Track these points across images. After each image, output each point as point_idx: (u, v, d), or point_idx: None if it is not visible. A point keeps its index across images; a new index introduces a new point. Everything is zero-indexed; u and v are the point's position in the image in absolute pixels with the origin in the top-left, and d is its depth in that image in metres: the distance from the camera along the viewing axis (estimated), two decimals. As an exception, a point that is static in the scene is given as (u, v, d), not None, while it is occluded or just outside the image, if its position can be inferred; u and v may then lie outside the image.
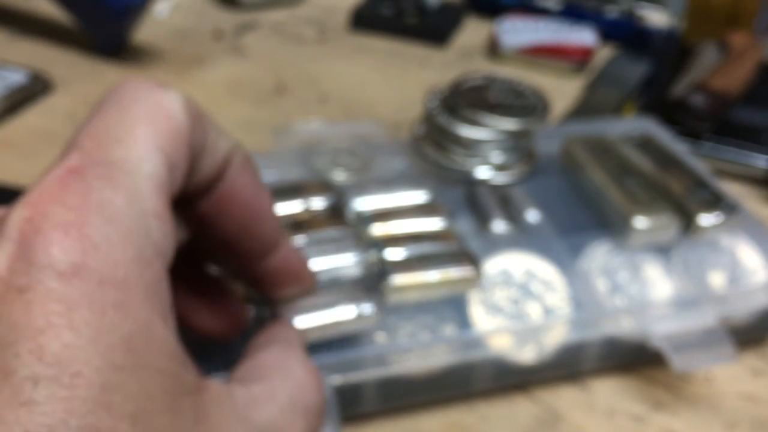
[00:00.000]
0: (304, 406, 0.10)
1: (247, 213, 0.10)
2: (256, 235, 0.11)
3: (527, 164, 0.21)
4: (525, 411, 0.17)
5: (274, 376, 0.10)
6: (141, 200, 0.08)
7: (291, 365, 0.10)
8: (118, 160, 0.08)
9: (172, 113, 0.09)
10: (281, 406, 0.09)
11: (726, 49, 0.29)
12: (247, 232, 0.11)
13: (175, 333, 0.08)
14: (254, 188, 0.10)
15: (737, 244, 0.19)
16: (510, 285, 0.18)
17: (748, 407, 0.18)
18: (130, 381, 0.07)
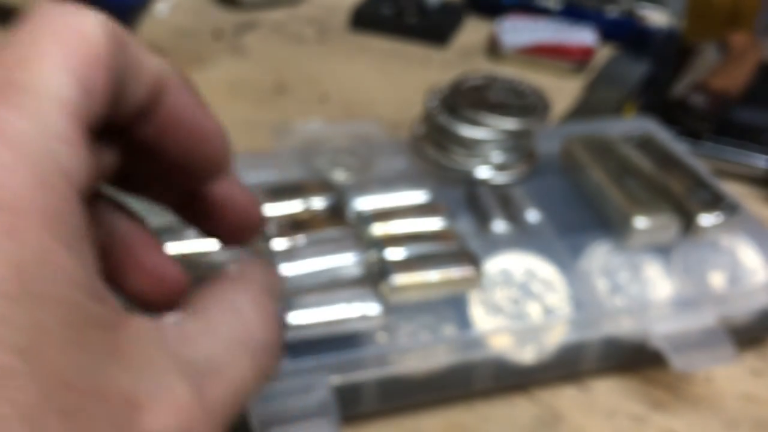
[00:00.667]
0: (250, 343, 0.09)
1: (191, 135, 0.10)
2: (202, 156, 0.10)
3: (527, 164, 0.21)
4: (525, 411, 0.17)
5: (214, 310, 0.09)
6: (46, 124, 0.07)
7: (236, 299, 0.09)
8: (22, 82, 0.07)
9: (88, 35, 0.08)
10: (222, 342, 0.09)
11: (726, 49, 0.29)
12: (194, 155, 0.10)
13: (91, 264, 0.08)
14: (195, 108, 0.10)
15: (737, 245, 0.19)
16: (510, 285, 0.18)
17: (748, 407, 0.18)
18: (21, 312, 0.06)
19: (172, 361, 0.08)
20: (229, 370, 0.08)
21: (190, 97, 0.10)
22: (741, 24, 0.30)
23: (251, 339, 0.09)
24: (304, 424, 0.15)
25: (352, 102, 0.30)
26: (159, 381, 0.08)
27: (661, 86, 0.28)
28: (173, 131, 0.10)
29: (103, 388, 0.07)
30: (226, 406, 0.08)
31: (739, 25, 0.30)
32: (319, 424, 0.15)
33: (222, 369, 0.08)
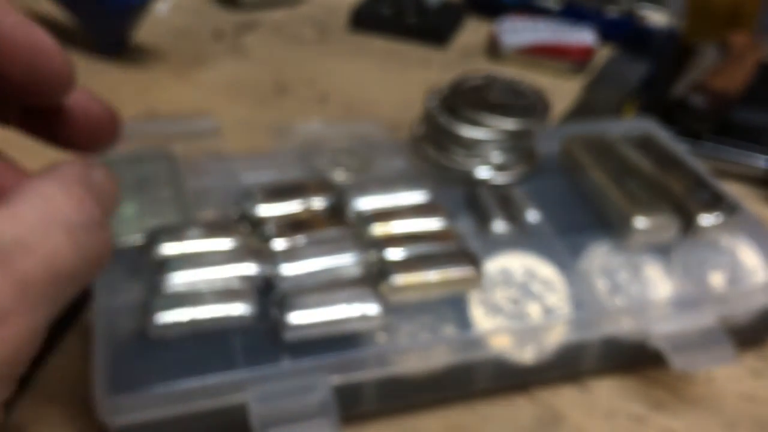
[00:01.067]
0: (62, 223, 0.09)
1: (28, 53, 0.10)
2: (44, 73, 0.10)
3: (527, 164, 0.21)
4: (525, 411, 0.17)
5: (20, 199, 0.09)
6: None
7: (43, 187, 0.09)
8: None
9: None
10: (27, 223, 0.09)
11: (726, 49, 0.29)
12: (35, 73, 0.10)
13: None
14: (25, 27, 0.10)
15: (737, 245, 0.19)
16: (510, 285, 0.18)
17: (748, 408, 0.18)
18: None
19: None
20: (40, 247, 0.09)
21: (15, 18, 0.10)
22: (741, 24, 0.30)
23: (62, 219, 0.09)
24: (304, 424, 0.15)
25: (352, 102, 0.30)
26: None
27: (660, 86, 0.28)
28: (7, 53, 0.10)
29: None
30: (43, 279, 0.09)
31: (739, 25, 0.30)
32: (319, 424, 0.15)
33: (31, 246, 0.09)
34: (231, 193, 0.19)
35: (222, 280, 0.16)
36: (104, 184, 0.10)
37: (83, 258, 0.09)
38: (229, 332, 0.16)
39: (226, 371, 0.15)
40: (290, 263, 0.17)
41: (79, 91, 0.12)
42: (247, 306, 0.16)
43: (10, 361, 0.08)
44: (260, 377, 0.15)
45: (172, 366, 0.15)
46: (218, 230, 0.18)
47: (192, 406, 0.15)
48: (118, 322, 0.16)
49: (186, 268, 0.16)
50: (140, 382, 0.14)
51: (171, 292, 0.16)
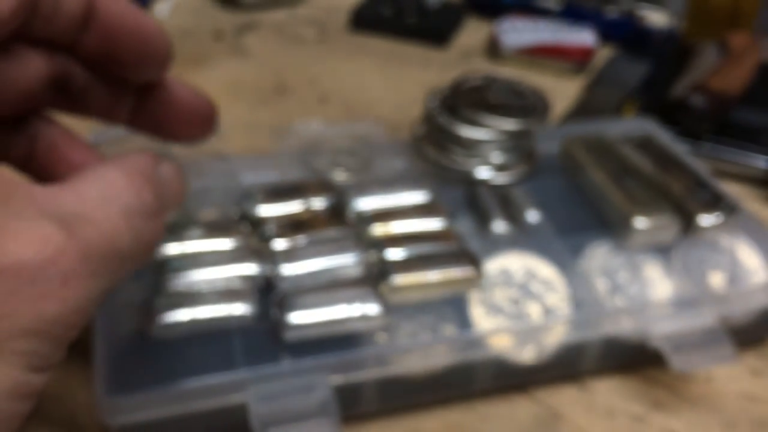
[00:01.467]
0: (119, 204, 0.10)
1: (132, 35, 0.11)
2: (147, 52, 0.12)
3: (527, 164, 0.21)
4: (525, 411, 0.17)
5: (83, 179, 0.10)
6: None
7: (106, 172, 0.10)
8: None
9: None
10: (89, 201, 0.10)
11: (726, 49, 0.29)
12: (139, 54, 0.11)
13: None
14: (129, 11, 0.11)
15: (737, 245, 0.19)
16: (510, 285, 0.18)
17: (747, 407, 0.18)
18: None
19: (38, 211, 0.09)
20: (99, 222, 0.09)
21: (125, 4, 0.11)
22: (740, 24, 0.30)
23: (120, 201, 0.10)
24: (304, 423, 0.15)
25: (352, 103, 0.30)
26: (26, 221, 0.09)
27: (660, 87, 0.28)
28: (115, 36, 0.11)
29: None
30: (102, 251, 0.09)
31: (739, 25, 0.30)
32: (320, 424, 0.15)
33: (91, 220, 0.09)
34: (231, 194, 0.19)
35: (222, 280, 0.16)
36: (170, 178, 0.12)
37: (137, 241, 0.10)
38: (229, 332, 0.16)
39: (227, 371, 0.15)
40: (290, 263, 0.17)
41: (183, 86, 0.13)
42: (247, 306, 0.16)
43: (68, 322, 0.09)
44: (261, 377, 0.15)
45: (173, 366, 0.15)
46: (219, 230, 0.18)
47: (192, 406, 0.15)
48: (119, 322, 0.16)
49: (187, 268, 0.16)
50: (141, 382, 0.14)
51: (172, 292, 0.16)
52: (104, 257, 0.09)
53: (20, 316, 0.08)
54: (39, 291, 0.09)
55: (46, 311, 0.09)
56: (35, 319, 0.09)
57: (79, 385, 0.17)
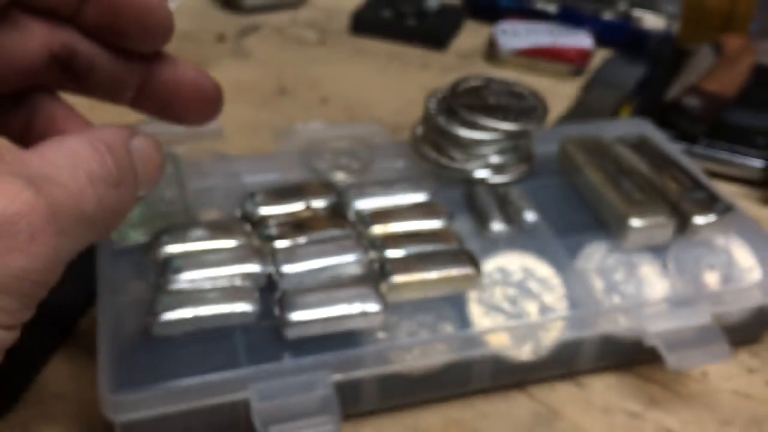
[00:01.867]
0: (87, 171, 0.10)
1: (141, 10, 0.12)
2: (153, 25, 0.12)
3: (525, 165, 0.22)
4: (523, 408, 0.17)
5: (49, 146, 0.10)
6: None
7: (70, 141, 0.11)
8: None
9: None
10: (55, 166, 0.10)
11: (721, 52, 0.30)
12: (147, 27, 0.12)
13: None
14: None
15: (731, 244, 0.20)
16: (508, 284, 0.18)
17: (742, 404, 0.18)
18: None
19: (7, 170, 0.09)
20: (66, 184, 0.10)
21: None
22: (735, 27, 0.31)
23: (86, 168, 0.10)
24: (305, 420, 0.15)
25: (352, 104, 0.30)
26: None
27: (656, 89, 0.29)
28: (116, 6, 0.11)
29: None
30: (69, 211, 0.10)
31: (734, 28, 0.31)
32: (321, 421, 0.15)
33: (58, 182, 0.10)
34: (234, 194, 0.20)
35: (225, 279, 0.16)
36: (144, 152, 0.12)
37: (102, 207, 0.10)
38: (231, 330, 0.16)
39: (229, 369, 0.15)
40: (292, 263, 0.17)
41: (189, 67, 0.13)
42: (249, 304, 0.16)
43: (35, 279, 0.09)
44: (262, 374, 0.15)
45: (176, 363, 0.15)
46: (221, 230, 0.18)
47: (195, 403, 0.15)
48: (123, 320, 0.16)
49: (189, 267, 0.16)
50: (144, 379, 0.15)
51: (175, 290, 0.16)
52: (70, 218, 0.10)
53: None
54: (6, 244, 0.09)
55: (13, 265, 0.09)
56: (2, 273, 0.09)
57: (83, 383, 0.17)
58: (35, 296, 0.09)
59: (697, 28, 0.32)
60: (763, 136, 0.27)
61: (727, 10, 0.31)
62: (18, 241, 0.09)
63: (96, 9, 0.12)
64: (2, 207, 0.09)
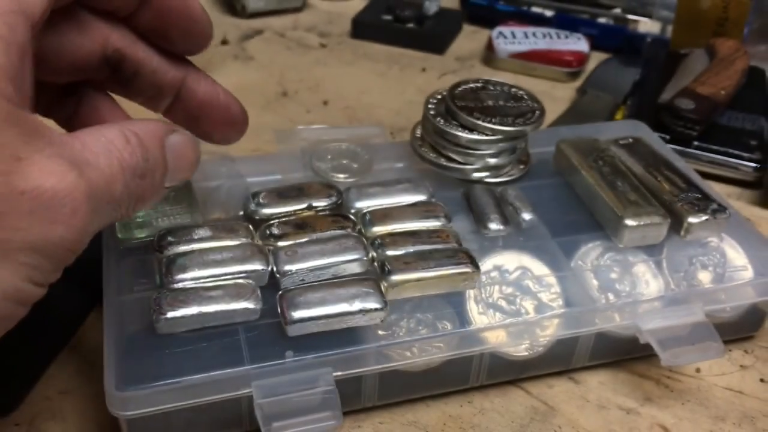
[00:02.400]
0: (119, 159, 0.12)
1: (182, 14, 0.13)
2: (195, 32, 0.14)
3: (522, 166, 0.22)
4: (520, 404, 0.18)
5: (87, 132, 0.12)
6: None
7: (106, 130, 0.12)
8: None
9: None
10: (93, 150, 0.11)
11: (714, 55, 0.30)
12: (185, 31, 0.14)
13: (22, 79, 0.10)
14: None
15: (724, 244, 0.20)
16: (505, 283, 0.18)
17: (735, 401, 0.18)
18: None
19: (56, 152, 0.10)
20: (102, 169, 0.11)
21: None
22: (729, 31, 0.31)
23: (118, 156, 0.12)
24: (308, 416, 0.15)
25: (353, 106, 0.30)
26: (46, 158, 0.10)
27: (650, 92, 0.29)
28: (167, 13, 0.13)
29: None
30: (103, 193, 0.11)
31: (727, 32, 0.31)
32: (323, 417, 0.15)
33: (95, 166, 0.11)
34: (237, 194, 0.20)
35: (228, 278, 0.17)
36: (180, 147, 0.13)
37: (128, 194, 0.12)
38: (235, 328, 0.16)
39: (233, 366, 0.15)
40: (294, 262, 0.17)
41: (224, 90, 0.15)
42: (252, 303, 0.16)
43: (69, 247, 0.11)
44: (265, 371, 0.15)
45: (181, 361, 0.15)
46: (225, 230, 0.18)
47: (199, 399, 0.15)
48: (128, 318, 0.16)
49: (193, 265, 0.17)
50: (150, 376, 0.15)
51: (179, 289, 0.16)
52: (102, 199, 0.11)
53: (32, 234, 0.10)
54: (51, 215, 0.10)
55: (53, 233, 0.10)
56: (43, 238, 0.10)
57: (89, 380, 0.18)
58: (65, 261, 0.11)
59: (690, 32, 0.32)
60: (755, 137, 0.27)
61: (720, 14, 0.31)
62: (61, 215, 0.10)
63: (149, 13, 0.13)
64: (53, 184, 0.10)
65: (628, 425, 0.17)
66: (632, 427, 0.17)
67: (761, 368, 0.19)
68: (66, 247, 0.11)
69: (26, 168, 0.10)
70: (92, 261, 0.18)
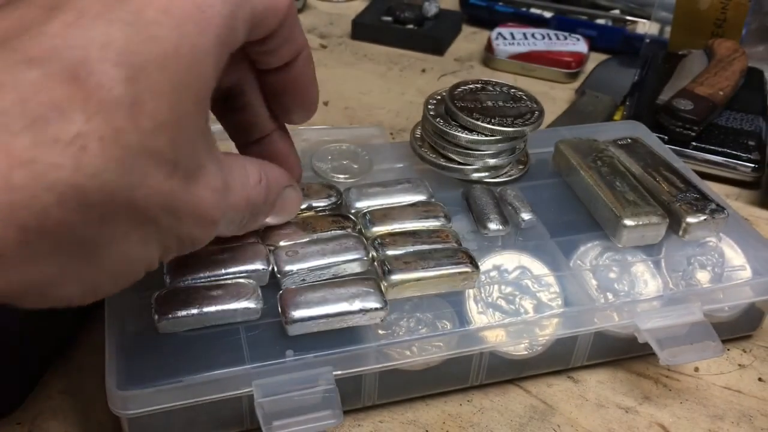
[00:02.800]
0: (249, 192, 0.14)
1: (302, 90, 0.16)
2: (302, 106, 0.16)
3: (521, 166, 0.22)
4: (519, 402, 0.18)
5: (234, 159, 0.14)
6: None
7: (249, 164, 0.14)
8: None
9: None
10: (236, 178, 0.13)
11: (712, 56, 0.30)
12: (297, 102, 0.16)
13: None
14: (309, 77, 0.16)
15: (723, 244, 0.20)
16: (505, 282, 0.18)
17: (733, 400, 0.18)
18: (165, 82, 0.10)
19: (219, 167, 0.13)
20: (238, 195, 0.14)
21: (310, 67, 0.16)
22: (727, 32, 0.31)
23: (249, 191, 0.14)
24: (308, 415, 0.15)
25: (353, 107, 0.30)
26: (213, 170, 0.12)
27: (649, 92, 0.29)
28: (294, 84, 0.15)
29: None
30: (230, 213, 0.14)
31: (725, 33, 0.31)
32: (323, 416, 0.15)
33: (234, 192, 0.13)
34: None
35: (229, 277, 0.17)
36: (290, 201, 0.16)
37: (239, 224, 0.14)
38: (235, 327, 0.16)
39: (233, 365, 0.15)
40: (294, 262, 0.17)
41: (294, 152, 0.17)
42: (253, 302, 0.16)
43: (207, 240, 0.13)
44: (266, 371, 0.15)
45: (181, 360, 0.15)
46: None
47: (200, 398, 0.15)
48: (129, 317, 0.16)
49: (194, 265, 0.17)
50: (151, 375, 0.15)
51: (180, 288, 0.16)
52: (227, 220, 0.13)
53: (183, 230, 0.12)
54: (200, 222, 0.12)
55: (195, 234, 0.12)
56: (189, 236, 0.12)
57: (90, 379, 0.18)
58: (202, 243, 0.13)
59: (689, 32, 0.32)
60: (753, 138, 0.27)
61: (718, 15, 0.31)
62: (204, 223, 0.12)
63: (281, 78, 0.15)
64: (208, 197, 0.12)
65: (627, 424, 0.17)
66: (631, 426, 0.17)
67: (759, 367, 0.19)
68: (204, 241, 0.13)
69: (201, 176, 0.12)
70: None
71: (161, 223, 0.11)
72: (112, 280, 0.12)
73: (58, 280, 0.10)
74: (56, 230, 0.10)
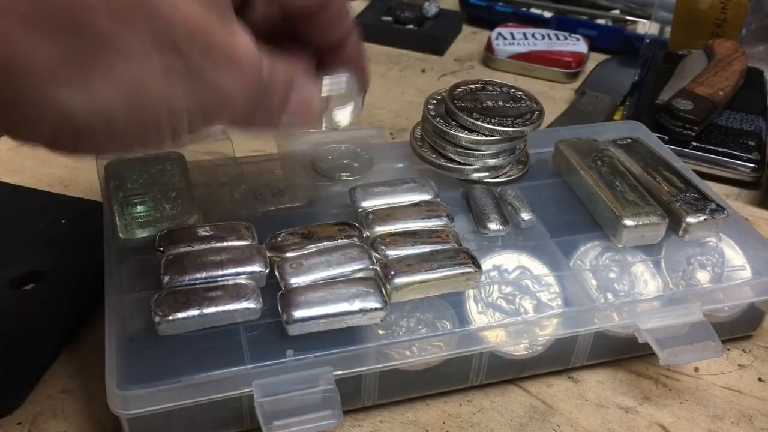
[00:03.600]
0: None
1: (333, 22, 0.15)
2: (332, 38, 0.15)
3: (521, 166, 0.22)
4: (519, 403, 0.18)
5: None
6: None
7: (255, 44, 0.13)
8: None
9: None
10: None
11: (712, 56, 0.30)
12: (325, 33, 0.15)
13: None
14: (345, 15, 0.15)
15: (722, 243, 0.20)
16: (505, 283, 0.18)
17: (733, 400, 0.18)
18: None
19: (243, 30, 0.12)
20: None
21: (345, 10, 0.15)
22: (727, 32, 0.31)
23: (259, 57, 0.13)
24: (308, 415, 0.15)
25: (352, 107, 0.31)
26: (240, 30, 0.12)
27: (649, 92, 0.29)
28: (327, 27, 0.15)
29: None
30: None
31: (725, 33, 0.31)
32: (323, 416, 0.15)
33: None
34: (239, 195, 0.20)
35: (229, 278, 0.17)
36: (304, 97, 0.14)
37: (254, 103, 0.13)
38: (236, 328, 0.16)
39: (233, 365, 0.15)
40: (299, 274, 0.17)
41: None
42: (253, 302, 0.16)
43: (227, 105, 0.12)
44: (266, 371, 0.15)
45: (181, 360, 0.15)
46: (226, 230, 0.18)
47: (200, 398, 0.15)
48: (130, 317, 0.16)
49: (194, 266, 0.17)
50: (151, 375, 0.15)
51: (179, 290, 0.16)
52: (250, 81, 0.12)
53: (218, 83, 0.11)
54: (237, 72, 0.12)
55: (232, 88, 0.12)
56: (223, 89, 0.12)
57: (90, 379, 0.18)
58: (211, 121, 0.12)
59: (689, 33, 0.32)
60: (753, 138, 0.27)
61: (718, 15, 0.31)
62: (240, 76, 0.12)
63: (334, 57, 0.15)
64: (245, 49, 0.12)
65: (627, 424, 0.17)
66: (631, 426, 0.17)
67: (759, 367, 0.19)
68: (216, 107, 0.12)
69: (235, 23, 0.11)
70: (93, 261, 0.18)
71: (188, 56, 0.10)
72: (124, 103, 0.10)
73: (67, 71, 0.10)
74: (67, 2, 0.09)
